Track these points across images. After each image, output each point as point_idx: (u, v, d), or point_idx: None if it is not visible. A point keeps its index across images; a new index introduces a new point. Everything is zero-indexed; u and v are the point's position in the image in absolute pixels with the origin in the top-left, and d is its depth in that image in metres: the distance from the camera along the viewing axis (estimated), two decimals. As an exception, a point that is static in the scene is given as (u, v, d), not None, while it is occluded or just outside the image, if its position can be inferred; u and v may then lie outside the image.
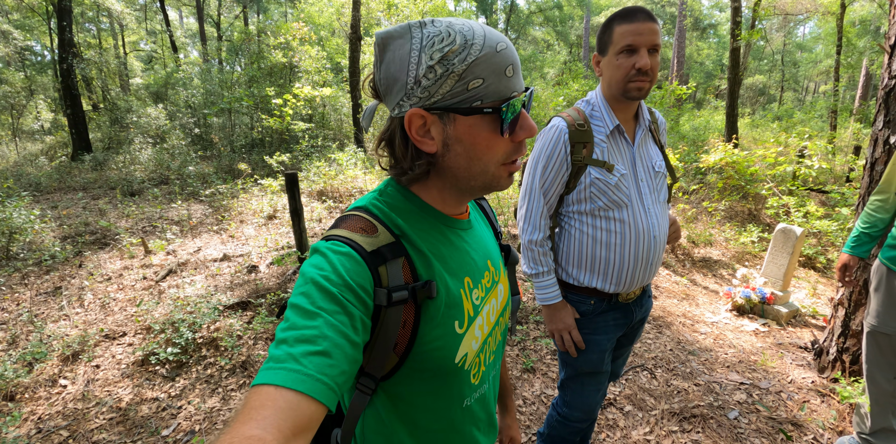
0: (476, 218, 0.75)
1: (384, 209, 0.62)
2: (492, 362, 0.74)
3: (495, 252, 0.75)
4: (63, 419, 2.07)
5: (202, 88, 9.73)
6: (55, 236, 4.43)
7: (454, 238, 0.66)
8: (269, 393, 0.41)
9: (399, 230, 0.60)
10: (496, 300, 0.72)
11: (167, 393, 2.26)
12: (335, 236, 0.57)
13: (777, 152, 4.90)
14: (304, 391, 0.42)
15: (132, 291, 3.37)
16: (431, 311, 0.59)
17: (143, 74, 19.90)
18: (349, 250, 0.54)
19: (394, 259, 0.57)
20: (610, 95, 1.22)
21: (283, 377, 0.43)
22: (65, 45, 7.95)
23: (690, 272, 4.07)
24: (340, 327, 0.48)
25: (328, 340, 0.46)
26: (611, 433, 2.04)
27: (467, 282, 0.65)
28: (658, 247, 1.24)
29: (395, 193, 0.64)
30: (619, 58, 1.14)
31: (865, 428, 1.83)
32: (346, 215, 0.62)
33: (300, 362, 0.44)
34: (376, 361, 0.58)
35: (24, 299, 3.24)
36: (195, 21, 23.21)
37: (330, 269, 0.52)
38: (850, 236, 1.86)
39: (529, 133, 0.58)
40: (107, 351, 2.62)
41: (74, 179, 7.05)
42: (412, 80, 0.54)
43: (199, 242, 4.46)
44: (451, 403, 0.66)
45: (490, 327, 0.70)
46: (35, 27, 13.15)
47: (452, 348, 0.62)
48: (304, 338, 0.46)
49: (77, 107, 8.27)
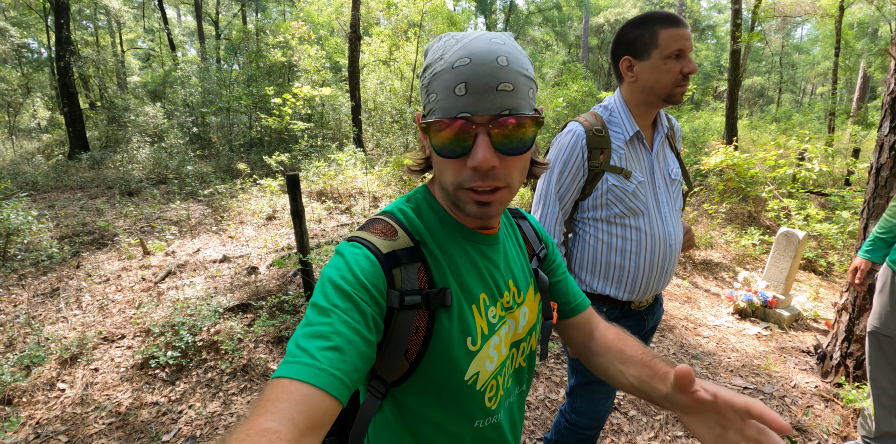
0: (507, 235, 0.73)
1: (409, 215, 0.63)
2: (510, 386, 0.70)
3: (520, 273, 0.72)
4: (62, 424, 2.04)
5: (200, 87, 9.68)
6: (52, 236, 4.38)
7: (473, 253, 0.65)
8: (285, 386, 0.43)
9: (420, 237, 0.61)
10: (515, 322, 0.69)
11: (167, 397, 2.23)
12: (356, 237, 0.59)
13: (777, 155, 4.91)
14: (318, 385, 0.44)
15: (131, 292, 3.34)
16: (444, 321, 0.59)
17: (140, 73, 19.79)
18: (364, 250, 0.57)
19: (409, 263, 0.58)
20: (641, 101, 1.19)
21: (298, 370, 0.44)
22: (62, 43, 7.89)
23: (692, 275, 4.07)
24: (353, 324, 0.49)
25: (341, 336, 0.48)
26: (615, 438, 2.03)
27: (483, 298, 0.64)
28: (673, 255, 1.23)
29: (421, 200, 0.65)
30: (667, 62, 1.12)
31: (870, 433, 1.83)
32: (372, 219, 0.64)
33: (314, 357, 0.45)
34: (388, 365, 0.59)
35: (21, 301, 3.20)
36: (193, 19, 23.09)
37: (346, 268, 0.54)
38: (866, 240, 1.87)
39: (475, 163, 0.52)
40: (105, 354, 2.59)
41: (72, 178, 6.99)
42: (424, 84, 0.57)
43: (199, 242, 4.43)
44: (460, 421, 0.64)
45: (508, 349, 0.68)
46: (32, 24, 13.05)
47: (463, 364, 0.61)
48: (318, 334, 0.48)
49: (74, 105, 8.21)
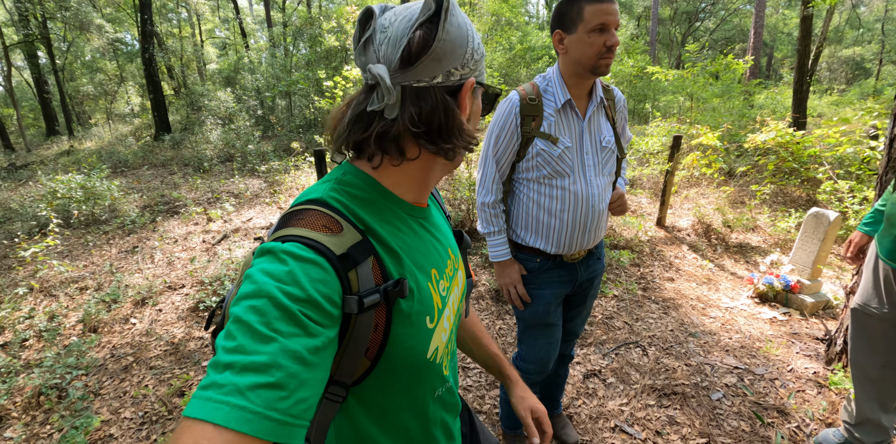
0: (432, 205, 0.72)
1: (344, 201, 0.55)
2: (454, 349, 0.73)
3: (452, 239, 0.73)
4: (130, 348, 2.57)
5: (266, 73, 10.45)
6: (137, 205, 5.16)
7: (419, 228, 0.62)
8: (206, 432, 0.36)
9: (364, 225, 0.54)
10: (458, 288, 0.70)
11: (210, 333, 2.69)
12: (294, 236, 0.48)
13: (841, 132, 4.46)
14: (249, 433, 0.37)
15: (193, 252, 3.92)
16: (404, 310, 0.55)
17: (218, 60, 21.47)
18: (314, 256, 0.47)
19: (364, 260, 0.51)
20: (572, 72, 1.28)
21: (224, 414, 0.37)
22: (146, 36, 8.87)
23: (721, 258, 3.93)
24: (299, 353, 0.42)
25: (282, 370, 0.40)
26: (588, 400, 2.15)
27: (434, 274, 0.61)
28: (597, 216, 1.34)
29: (355, 180, 0.57)
30: (591, 35, 1.19)
31: (851, 418, 1.78)
32: (300, 210, 0.53)
33: (246, 397, 0.38)
34: (346, 368, 0.54)
35: (109, 256, 3.89)
36: (263, 7, 24.42)
37: (290, 280, 0.44)
38: (867, 213, 1.79)
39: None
40: (168, 299, 3.13)
41: (156, 157, 7.99)
42: (470, 50, 0.55)
43: (252, 212, 4.99)
44: (424, 397, 0.64)
45: (455, 316, 0.68)
46: (124, 20, 14.68)
47: (424, 344, 0.59)
48: (253, 366, 0.39)
49: (158, 92, 9.25)
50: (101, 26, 11.14)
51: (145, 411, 2.10)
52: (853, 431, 1.77)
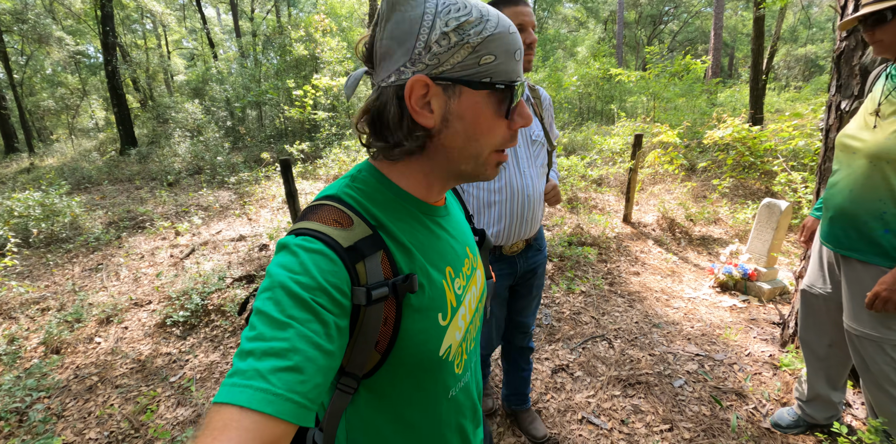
0: (452, 203, 0.72)
1: (358, 198, 0.57)
2: (472, 349, 0.72)
3: (471, 238, 0.72)
4: (95, 368, 2.50)
5: (235, 83, 10.33)
6: (102, 221, 5.02)
7: (433, 227, 0.63)
8: (233, 415, 0.38)
9: (376, 221, 0.56)
10: (476, 287, 0.69)
11: (178, 349, 2.65)
12: (305, 229, 0.51)
13: (794, 126, 4.69)
14: (272, 413, 0.39)
15: (160, 267, 3.84)
16: (414, 305, 0.56)
17: (186, 71, 21.08)
18: (322, 246, 0.49)
19: (372, 254, 0.53)
20: None
21: (248, 396, 0.39)
22: (109, 49, 8.67)
23: (684, 250, 4.08)
24: (313, 338, 0.44)
25: (300, 354, 0.43)
26: (556, 394, 2.20)
27: (449, 272, 0.62)
28: (532, 205, 1.40)
29: (369, 178, 0.59)
30: None
31: (802, 395, 1.86)
32: (316, 205, 0.56)
33: (268, 380, 0.40)
34: (357, 360, 0.55)
35: (72, 275, 3.78)
36: (231, 17, 24.12)
37: (301, 270, 0.47)
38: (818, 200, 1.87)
39: (526, 122, 0.56)
40: (134, 316, 3.06)
41: (121, 172, 7.79)
42: (421, 44, 0.50)
43: (223, 224, 4.92)
44: (436, 396, 0.64)
45: (471, 315, 0.68)
46: (86, 32, 14.30)
47: (437, 341, 0.59)
48: (272, 351, 0.42)
49: (122, 105, 9.04)
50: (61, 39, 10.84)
51: (111, 430, 2.05)
52: (805, 408, 1.85)
